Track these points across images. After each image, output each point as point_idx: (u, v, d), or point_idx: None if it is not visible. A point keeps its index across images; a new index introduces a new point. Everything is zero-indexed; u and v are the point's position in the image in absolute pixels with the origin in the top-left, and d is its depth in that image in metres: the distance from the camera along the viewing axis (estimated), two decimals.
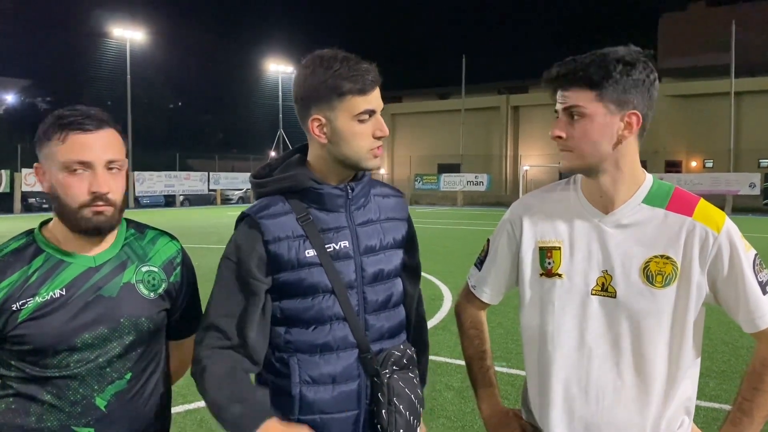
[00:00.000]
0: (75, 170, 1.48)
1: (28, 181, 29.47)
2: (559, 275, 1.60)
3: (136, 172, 35.29)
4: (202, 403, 4.61)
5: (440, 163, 45.29)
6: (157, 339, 1.68)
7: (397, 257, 1.78)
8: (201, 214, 28.67)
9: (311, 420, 1.61)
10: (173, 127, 57.08)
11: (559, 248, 1.60)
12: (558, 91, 1.54)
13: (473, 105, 45.00)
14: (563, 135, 1.53)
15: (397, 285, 1.79)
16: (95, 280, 1.55)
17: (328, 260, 1.63)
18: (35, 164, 1.56)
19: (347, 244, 1.66)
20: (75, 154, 1.47)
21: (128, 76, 37.67)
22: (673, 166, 42.24)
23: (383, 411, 1.61)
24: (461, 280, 2.02)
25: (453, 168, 42.00)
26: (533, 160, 41.78)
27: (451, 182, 38.60)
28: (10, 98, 65.36)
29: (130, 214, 1.68)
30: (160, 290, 1.66)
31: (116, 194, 1.53)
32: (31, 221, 1.66)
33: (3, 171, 29.30)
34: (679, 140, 41.95)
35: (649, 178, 1.59)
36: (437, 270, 10.68)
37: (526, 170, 38.11)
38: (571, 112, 1.51)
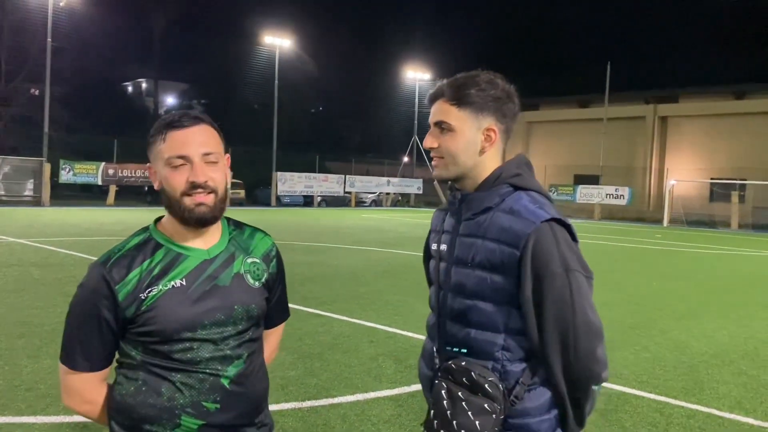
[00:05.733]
0: (176, 165, 1.60)
1: None
2: None
3: (278, 173, 37.40)
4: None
5: (577, 173, 43.62)
6: (260, 325, 1.81)
7: (484, 280, 1.68)
8: (338, 215, 29.43)
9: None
10: (314, 130, 59.47)
11: None
12: None
13: (616, 114, 42.72)
14: None
15: (478, 309, 1.69)
16: (211, 271, 1.67)
17: (436, 257, 1.85)
18: (148, 165, 1.71)
19: (445, 248, 1.81)
20: (175, 150, 1.60)
21: (276, 81, 39.62)
22: None
23: (427, 403, 1.79)
24: (598, 294, 1.78)
25: (591, 179, 40.24)
26: (681, 175, 38.97)
27: (588, 194, 37.08)
28: (171, 100, 71.23)
29: (272, 212, 1.74)
30: (263, 280, 1.78)
31: (216, 183, 1.63)
32: (161, 213, 1.77)
33: None
34: None
35: None
36: None
37: (673, 185, 35.67)
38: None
